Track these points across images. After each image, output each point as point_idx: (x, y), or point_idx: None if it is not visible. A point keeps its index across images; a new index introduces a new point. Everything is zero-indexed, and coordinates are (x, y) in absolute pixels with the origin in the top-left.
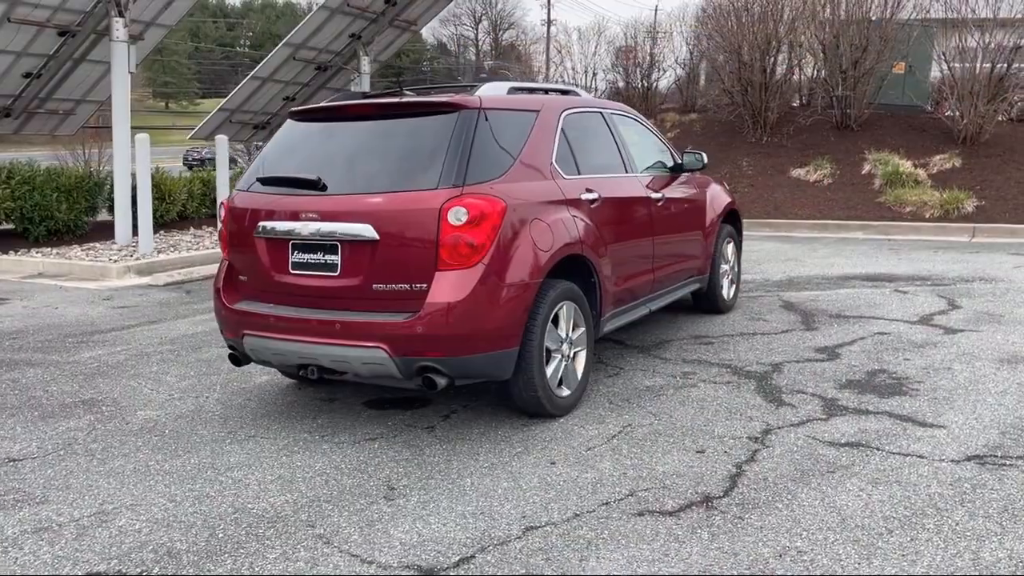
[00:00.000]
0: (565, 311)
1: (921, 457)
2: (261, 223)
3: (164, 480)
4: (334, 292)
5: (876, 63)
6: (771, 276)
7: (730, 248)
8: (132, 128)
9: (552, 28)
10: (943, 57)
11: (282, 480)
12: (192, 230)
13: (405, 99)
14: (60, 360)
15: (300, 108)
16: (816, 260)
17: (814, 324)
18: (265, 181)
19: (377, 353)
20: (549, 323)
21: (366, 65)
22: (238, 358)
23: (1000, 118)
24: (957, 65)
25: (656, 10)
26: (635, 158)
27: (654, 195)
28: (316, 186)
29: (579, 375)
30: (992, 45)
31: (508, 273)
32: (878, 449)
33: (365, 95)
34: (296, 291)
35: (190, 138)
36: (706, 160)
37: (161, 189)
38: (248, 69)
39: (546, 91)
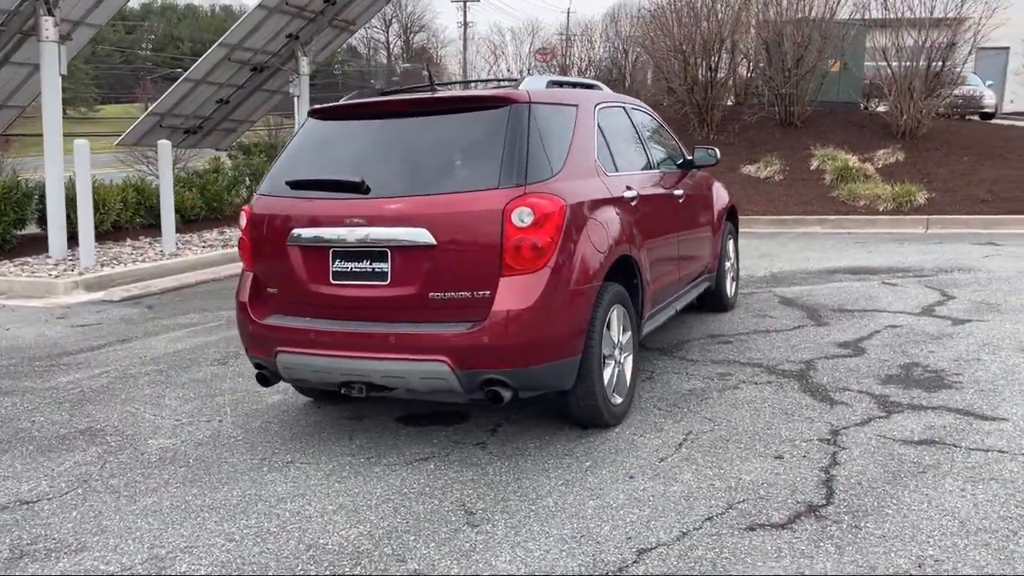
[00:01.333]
0: (616, 315)
1: (1002, 452)
2: (295, 230)
3: (212, 517)
4: (383, 303)
5: (817, 61)
6: (754, 272)
7: (731, 245)
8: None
9: (472, 29)
10: (883, 55)
11: (346, 510)
12: (130, 241)
13: (448, 94)
14: (35, 387)
15: (323, 106)
16: (789, 255)
17: (823, 319)
18: (296, 184)
19: (438, 367)
20: (604, 328)
21: (305, 66)
22: (267, 377)
23: (935, 113)
24: (895, 63)
25: (569, 12)
26: (654, 154)
27: (676, 192)
28: (359, 189)
29: (628, 381)
30: (928, 43)
31: (573, 277)
32: (954, 446)
33: (384, 92)
34: (338, 303)
35: (117, 144)
36: (719, 156)
37: (95, 199)
38: (149, 73)
39: (574, 85)
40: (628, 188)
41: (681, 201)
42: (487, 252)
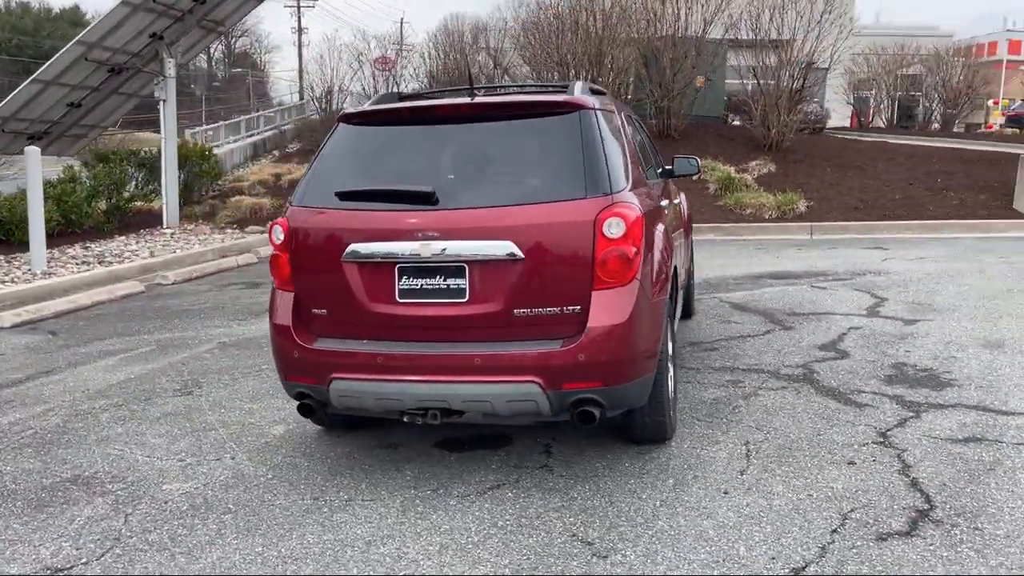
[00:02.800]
0: (668, 327)
1: None
2: (353, 245)
3: (305, 569)
4: (460, 321)
5: (692, 77)
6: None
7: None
8: None
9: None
10: (752, 72)
11: (451, 550)
12: None
13: (506, 98)
14: None
15: (357, 111)
16: (704, 261)
17: (785, 323)
18: (349, 195)
19: (528, 388)
20: None
21: (171, 68)
22: (311, 408)
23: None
24: (763, 80)
25: (402, 22)
26: (652, 162)
27: (675, 200)
28: (429, 199)
29: (672, 394)
30: (792, 63)
31: (655, 289)
32: (999, 441)
33: (403, 96)
34: (407, 323)
35: None
36: (700, 166)
37: None
38: None
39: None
40: (661, 198)
41: (676, 209)
42: (578, 265)
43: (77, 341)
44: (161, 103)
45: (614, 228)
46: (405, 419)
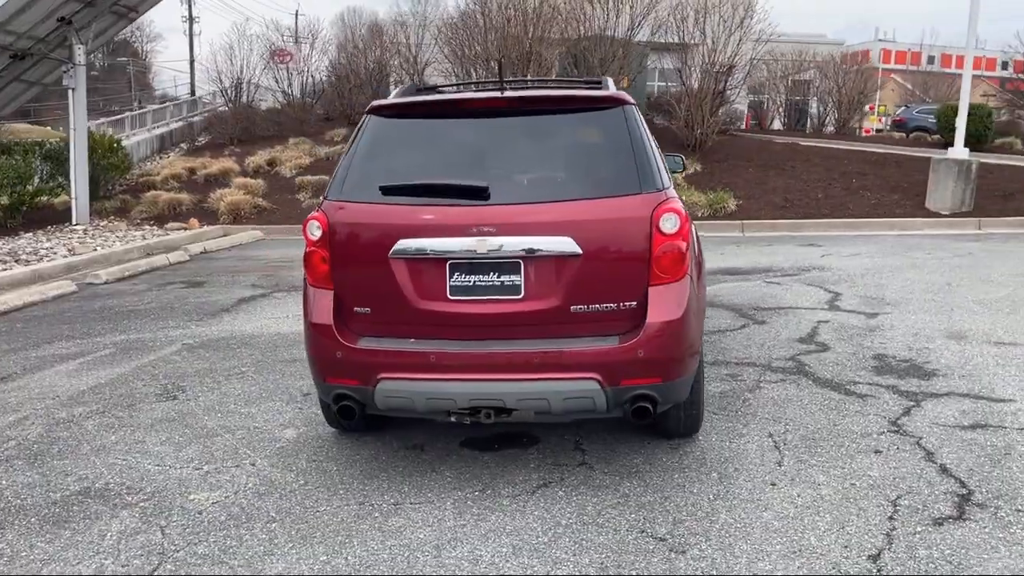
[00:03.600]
0: None
1: None
2: (402, 241)
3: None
4: (515, 319)
5: (619, 77)
6: None
7: None
8: None
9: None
10: (679, 74)
11: (525, 551)
12: None
13: (546, 92)
14: None
15: (389, 103)
16: None
17: (756, 318)
18: (395, 190)
19: (587, 385)
20: None
21: (80, 55)
22: (352, 410)
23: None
24: (688, 81)
25: (297, 14)
26: None
27: None
28: (481, 194)
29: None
30: (716, 66)
31: (701, 284)
32: (1002, 427)
33: (420, 89)
34: (458, 321)
35: None
36: (686, 164)
37: None
38: None
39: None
40: None
41: None
42: (636, 260)
43: (23, 345)
44: (70, 92)
45: (669, 224)
46: (452, 419)
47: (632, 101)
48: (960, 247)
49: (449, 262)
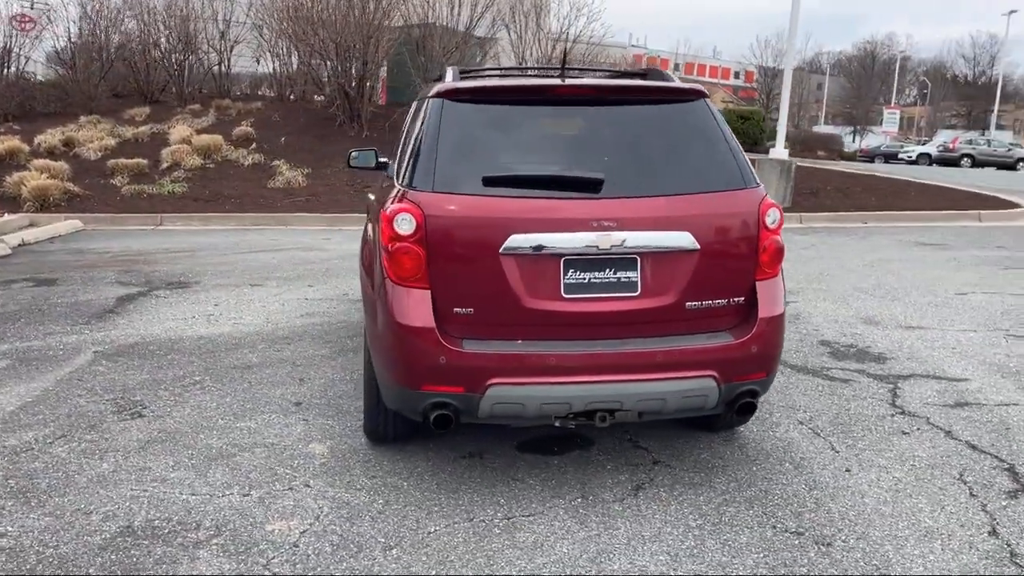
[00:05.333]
0: None
1: (1016, 404)
2: (515, 236)
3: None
4: (631, 316)
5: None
6: None
7: None
8: None
9: None
10: (521, 62)
11: (682, 556)
12: None
13: (626, 82)
14: None
15: (463, 87)
16: None
17: None
18: (500, 181)
19: (704, 383)
20: None
21: None
22: (449, 419)
23: None
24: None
25: None
26: None
27: None
28: (595, 187)
29: None
30: (550, 61)
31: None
32: (981, 404)
33: (464, 73)
34: (572, 320)
35: None
36: None
37: None
38: None
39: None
40: None
41: None
42: (746, 255)
43: None
44: None
45: (771, 218)
46: (557, 423)
47: (708, 93)
48: (800, 240)
49: (564, 258)
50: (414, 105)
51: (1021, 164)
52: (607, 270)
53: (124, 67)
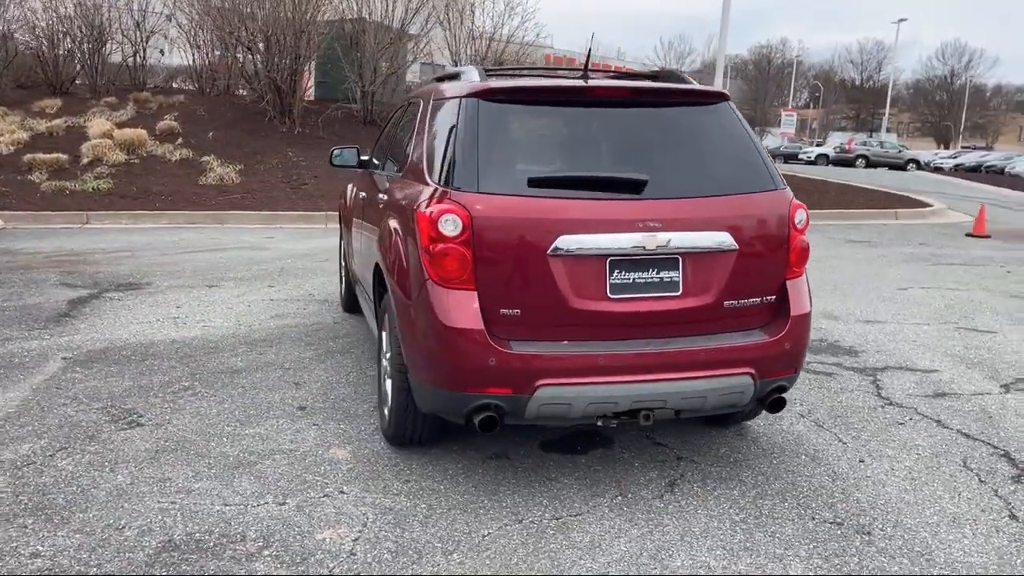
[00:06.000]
0: None
1: (987, 393)
2: (564, 237)
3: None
4: (673, 316)
5: (400, 66)
6: None
7: None
8: None
9: None
10: (455, 63)
11: (740, 552)
12: None
13: (655, 84)
14: None
15: (500, 87)
16: None
17: None
18: (545, 182)
19: (742, 380)
20: None
21: None
22: (495, 421)
23: None
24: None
25: None
26: None
27: None
28: (638, 188)
29: None
30: (487, 58)
31: None
32: (957, 394)
33: (489, 72)
34: (617, 320)
35: None
36: None
37: None
38: None
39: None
40: None
41: None
42: (778, 255)
43: None
44: None
45: (800, 218)
46: (599, 423)
47: (730, 96)
48: None
49: (609, 259)
50: (421, 104)
51: (911, 165)
52: (651, 270)
53: (31, 57)
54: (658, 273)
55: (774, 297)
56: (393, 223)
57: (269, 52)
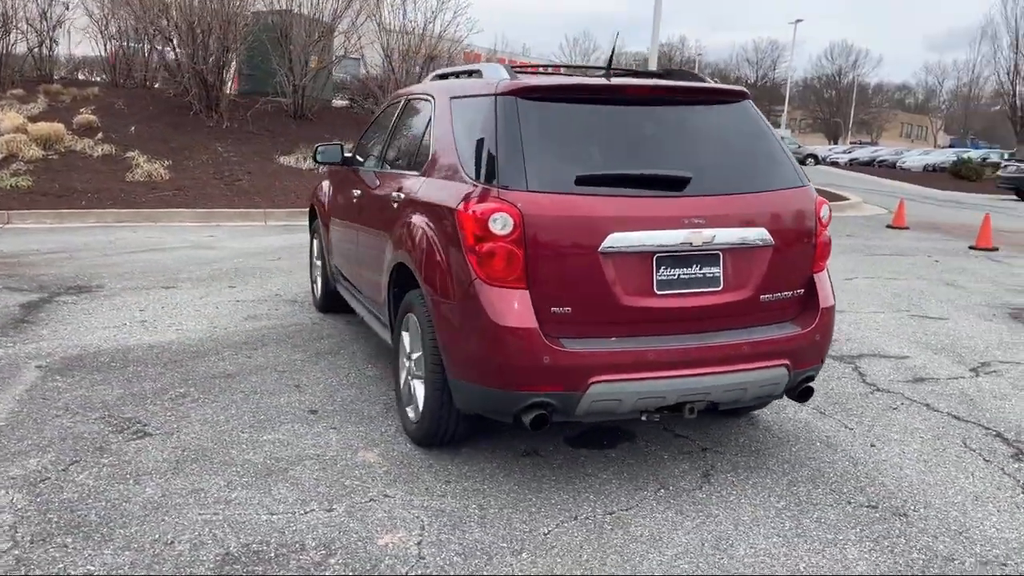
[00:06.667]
0: None
1: (960, 376)
2: (614, 235)
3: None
4: (714, 311)
5: (331, 60)
6: None
7: None
8: None
9: None
10: (388, 58)
11: (792, 537)
12: None
13: (682, 83)
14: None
15: (537, 84)
16: None
17: None
18: (592, 180)
19: (779, 372)
20: None
21: None
22: (546, 419)
23: None
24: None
25: None
26: None
27: None
28: (681, 185)
29: None
30: (419, 53)
31: None
32: (933, 378)
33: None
34: (663, 316)
35: None
36: None
37: None
38: None
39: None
40: None
41: None
42: (806, 249)
43: None
44: None
45: (824, 213)
46: (644, 417)
47: (749, 94)
48: None
49: (656, 256)
50: (433, 101)
51: (810, 160)
52: (694, 266)
53: None
54: (700, 269)
55: (803, 290)
56: (420, 222)
57: (194, 43)
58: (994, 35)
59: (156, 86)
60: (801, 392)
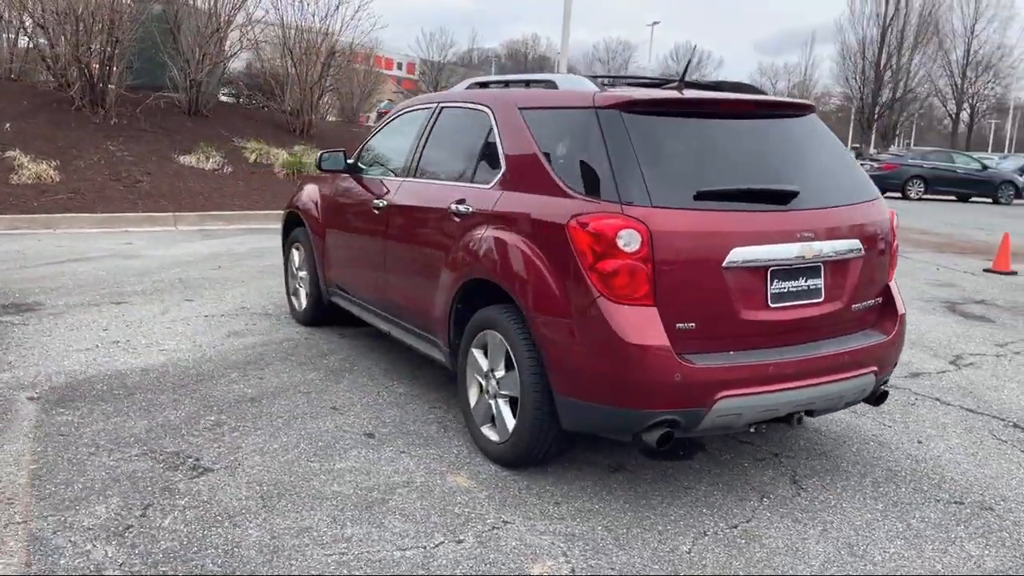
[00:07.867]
0: None
1: (948, 371)
2: (737, 250)
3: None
4: (816, 321)
5: (230, 56)
6: None
7: None
8: None
9: None
10: (290, 54)
11: (901, 540)
12: None
13: (769, 98)
14: None
15: (651, 98)
16: None
17: None
18: (712, 195)
19: (868, 379)
20: None
21: None
22: (671, 436)
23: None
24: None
25: None
26: None
27: None
28: (789, 199)
29: None
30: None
31: None
32: (927, 373)
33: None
34: (775, 328)
35: None
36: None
37: None
38: None
39: None
40: None
41: None
42: (885, 259)
43: None
44: None
45: (897, 223)
46: (752, 429)
47: (815, 107)
48: None
49: (770, 269)
50: (495, 111)
51: None
52: (800, 279)
53: None
54: (806, 281)
55: (881, 299)
56: (509, 237)
57: (77, 34)
58: (844, 41)
59: (22, 79)
60: (879, 396)
